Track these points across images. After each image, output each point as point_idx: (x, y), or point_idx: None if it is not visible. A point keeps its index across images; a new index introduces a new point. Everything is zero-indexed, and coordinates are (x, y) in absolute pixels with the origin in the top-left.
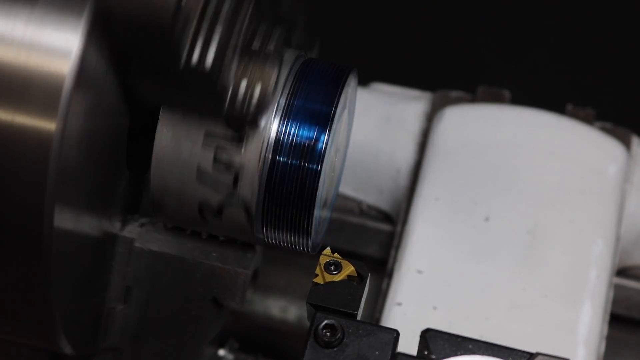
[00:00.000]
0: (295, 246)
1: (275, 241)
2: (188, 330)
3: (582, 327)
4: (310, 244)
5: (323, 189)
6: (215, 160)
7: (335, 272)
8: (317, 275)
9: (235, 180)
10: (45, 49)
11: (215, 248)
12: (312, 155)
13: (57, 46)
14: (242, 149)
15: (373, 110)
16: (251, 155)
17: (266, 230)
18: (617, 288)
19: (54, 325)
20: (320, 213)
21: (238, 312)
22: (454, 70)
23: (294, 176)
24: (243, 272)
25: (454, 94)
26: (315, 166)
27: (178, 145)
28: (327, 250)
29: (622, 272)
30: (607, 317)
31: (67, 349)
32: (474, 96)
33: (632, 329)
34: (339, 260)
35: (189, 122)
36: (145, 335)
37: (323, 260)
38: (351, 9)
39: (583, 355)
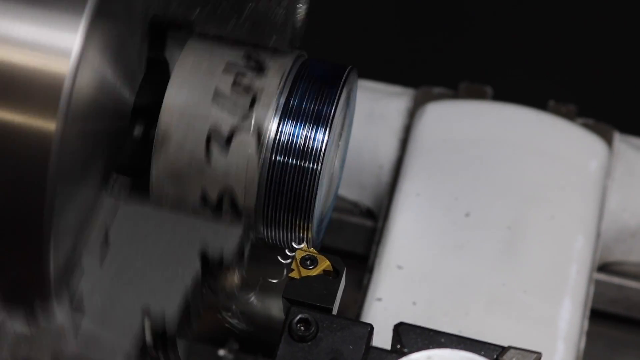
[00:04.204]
0: None
1: (276, 241)
2: (172, 284)
3: (562, 322)
4: (310, 244)
5: (323, 189)
6: (235, 83)
7: (311, 267)
8: (293, 270)
9: (253, 101)
10: (45, 49)
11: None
12: (312, 155)
13: (57, 45)
14: (263, 76)
15: (356, 107)
16: (272, 81)
17: (266, 230)
18: (617, 287)
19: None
20: (320, 213)
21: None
22: (437, 67)
23: (294, 176)
24: (235, 229)
25: (437, 90)
26: (315, 166)
27: (198, 69)
28: (304, 245)
29: (603, 268)
30: (588, 313)
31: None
32: (456, 92)
33: (632, 329)
34: (315, 255)
35: (211, 53)
36: (120, 295)
37: (299, 255)
38: (334, 6)
39: (563, 351)
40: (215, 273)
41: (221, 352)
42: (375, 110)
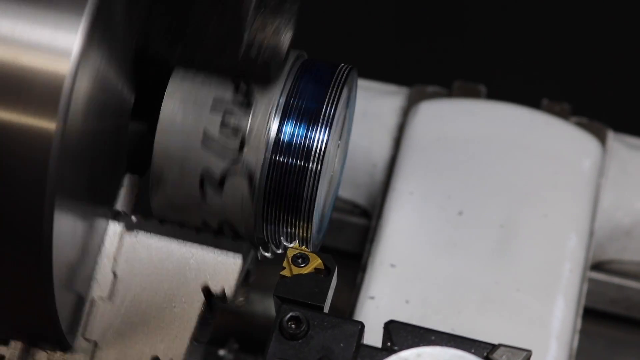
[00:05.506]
0: None
1: (276, 240)
2: (178, 322)
3: (555, 321)
4: (311, 243)
5: (323, 189)
6: (223, 124)
7: (302, 265)
8: (284, 268)
9: (242, 145)
10: (46, 49)
11: (208, 238)
12: (312, 155)
13: (57, 45)
14: (250, 114)
15: None
16: (259, 120)
17: (267, 230)
18: (617, 287)
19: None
20: (320, 213)
21: (238, 312)
22: (431, 66)
23: (294, 176)
24: (237, 259)
25: (431, 88)
26: (315, 166)
27: (185, 109)
28: (295, 244)
29: (597, 266)
30: (581, 311)
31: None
32: (450, 91)
33: (632, 329)
34: (307, 254)
35: (198, 88)
36: (131, 329)
37: (290, 253)
38: (330, 5)
39: (556, 349)
40: (219, 304)
41: (221, 352)
42: (369, 108)
